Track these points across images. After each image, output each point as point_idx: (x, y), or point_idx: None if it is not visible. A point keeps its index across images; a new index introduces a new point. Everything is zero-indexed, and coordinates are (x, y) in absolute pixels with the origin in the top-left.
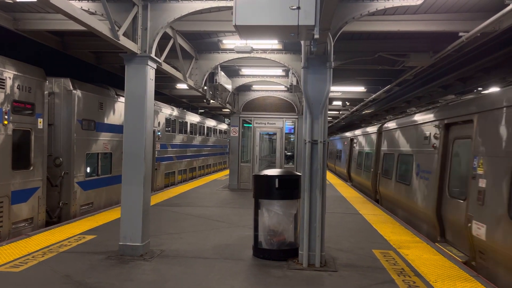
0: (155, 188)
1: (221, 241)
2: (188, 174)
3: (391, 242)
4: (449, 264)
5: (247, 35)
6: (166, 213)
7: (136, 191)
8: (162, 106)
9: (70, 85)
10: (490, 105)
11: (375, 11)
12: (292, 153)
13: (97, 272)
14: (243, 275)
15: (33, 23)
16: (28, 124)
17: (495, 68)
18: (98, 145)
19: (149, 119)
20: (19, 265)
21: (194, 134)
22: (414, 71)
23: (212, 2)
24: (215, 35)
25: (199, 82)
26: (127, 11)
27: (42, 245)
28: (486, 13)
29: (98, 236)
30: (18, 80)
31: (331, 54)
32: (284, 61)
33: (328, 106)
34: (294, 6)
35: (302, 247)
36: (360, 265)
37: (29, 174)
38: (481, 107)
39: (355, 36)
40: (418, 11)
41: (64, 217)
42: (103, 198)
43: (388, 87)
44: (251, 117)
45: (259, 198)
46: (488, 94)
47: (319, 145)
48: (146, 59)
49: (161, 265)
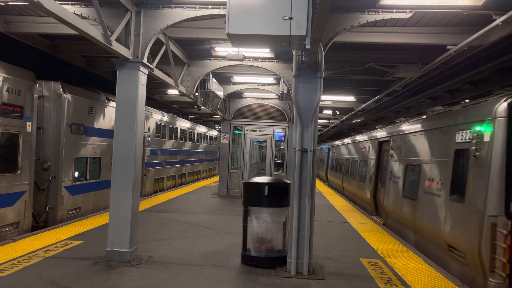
0: (144, 194)
1: (210, 248)
2: (178, 180)
3: (378, 251)
4: (435, 273)
5: (240, 44)
6: (155, 219)
7: (125, 197)
8: (153, 111)
9: (60, 89)
10: (395, 132)
11: (365, 23)
12: (282, 161)
13: (83, 278)
14: (231, 282)
15: (24, 26)
16: (17, 127)
17: (482, 81)
18: (87, 150)
19: (139, 124)
20: (4, 270)
21: (184, 140)
22: (403, 82)
23: (205, 10)
24: (207, 42)
25: (191, 88)
26: (120, 17)
27: (28, 250)
28: (474, 27)
29: (85, 242)
30: (7, 82)
31: (322, 64)
32: (276, 70)
33: (318, 115)
34: (287, 16)
35: (290, 255)
36: (348, 273)
37: (16, 178)
38: (392, 133)
39: (346, 47)
40: (407, 24)
41: (50, 222)
42: (91, 203)
43: (377, 97)
44: (242, 124)
45: (248, 205)
46: (396, 126)
47: (308, 153)
48: (138, 64)
49: (149, 271)
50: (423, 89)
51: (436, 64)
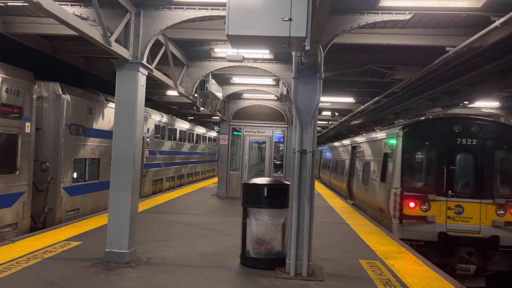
0: (143, 195)
1: (208, 249)
2: (176, 181)
3: (377, 252)
4: (434, 275)
5: (239, 45)
6: (153, 220)
7: (124, 198)
8: (152, 112)
9: (59, 90)
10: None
11: (365, 25)
12: (281, 162)
13: (82, 279)
14: (230, 284)
15: (23, 26)
16: (15, 128)
17: (480, 83)
18: (86, 151)
19: (139, 125)
20: (2, 271)
21: (183, 141)
22: (402, 83)
23: (205, 11)
24: (206, 43)
25: (190, 89)
26: (120, 18)
27: (26, 251)
28: (473, 29)
29: (83, 243)
30: (6, 83)
31: (322, 65)
32: (275, 71)
33: (317, 116)
34: (286, 17)
35: (289, 256)
36: (347, 275)
37: (14, 179)
38: (357, 141)
39: (345, 48)
40: (406, 26)
41: (49, 223)
42: (90, 204)
43: (376, 98)
44: (241, 125)
45: (247, 207)
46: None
47: (308, 154)
48: (137, 65)
49: (148, 272)
50: (422, 91)
51: (435, 66)
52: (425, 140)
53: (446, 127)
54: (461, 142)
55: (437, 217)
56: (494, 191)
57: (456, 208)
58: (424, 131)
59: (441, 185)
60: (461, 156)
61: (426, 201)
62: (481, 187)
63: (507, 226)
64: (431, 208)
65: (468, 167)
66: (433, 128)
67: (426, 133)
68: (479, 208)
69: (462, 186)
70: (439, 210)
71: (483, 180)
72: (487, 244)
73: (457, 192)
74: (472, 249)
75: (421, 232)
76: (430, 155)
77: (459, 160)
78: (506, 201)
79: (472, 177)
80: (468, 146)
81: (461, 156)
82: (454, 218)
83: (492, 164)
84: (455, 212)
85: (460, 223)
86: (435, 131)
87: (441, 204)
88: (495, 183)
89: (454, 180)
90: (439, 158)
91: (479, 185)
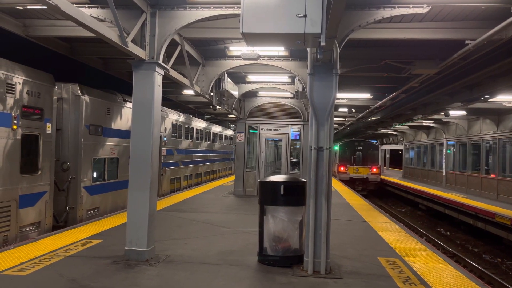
0: (161, 194)
1: (226, 247)
2: (194, 179)
3: (396, 250)
4: (456, 273)
5: (254, 42)
6: (172, 218)
7: (142, 196)
8: (169, 112)
9: (78, 91)
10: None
11: (381, 19)
12: (297, 160)
13: (102, 276)
14: (248, 282)
15: (43, 29)
16: (37, 129)
17: (502, 76)
18: (105, 150)
19: (156, 125)
20: (26, 269)
21: (200, 139)
22: (420, 78)
23: (220, 9)
24: (222, 42)
25: (206, 88)
26: (136, 18)
27: (48, 249)
28: (493, 21)
29: (104, 241)
30: (27, 85)
31: (337, 62)
32: (290, 68)
33: (334, 113)
34: (301, 14)
35: (307, 254)
36: (366, 272)
37: (37, 179)
38: None
39: (361, 44)
40: (424, 19)
41: (70, 222)
42: (109, 203)
43: (394, 94)
44: (257, 123)
45: (264, 204)
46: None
47: (324, 151)
48: (154, 65)
49: (166, 270)
50: (441, 85)
51: (454, 60)
52: (345, 147)
53: (352, 142)
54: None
55: (349, 172)
56: (368, 163)
57: (355, 168)
58: (344, 144)
59: (351, 161)
60: (357, 152)
61: (347, 167)
62: (364, 162)
63: (371, 174)
64: (348, 169)
65: (359, 156)
66: (348, 143)
67: (345, 145)
68: (363, 168)
69: (357, 162)
70: (351, 170)
71: (364, 160)
72: (365, 180)
73: (357, 163)
74: (360, 182)
75: (344, 177)
76: (346, 152)
77: (357, 154)
78: (370, 166)
79: (361, 159)
80: (359, 148)
81: (358, 153)
82: (355, 172)
83: (367, 155)
84: (355, 170)
85: (356, 174)
86: (349, 144)
87: (351, 167)
88: (368, 160)
89: (355, 160)
90: (350, 153)
91: (363, 161)
